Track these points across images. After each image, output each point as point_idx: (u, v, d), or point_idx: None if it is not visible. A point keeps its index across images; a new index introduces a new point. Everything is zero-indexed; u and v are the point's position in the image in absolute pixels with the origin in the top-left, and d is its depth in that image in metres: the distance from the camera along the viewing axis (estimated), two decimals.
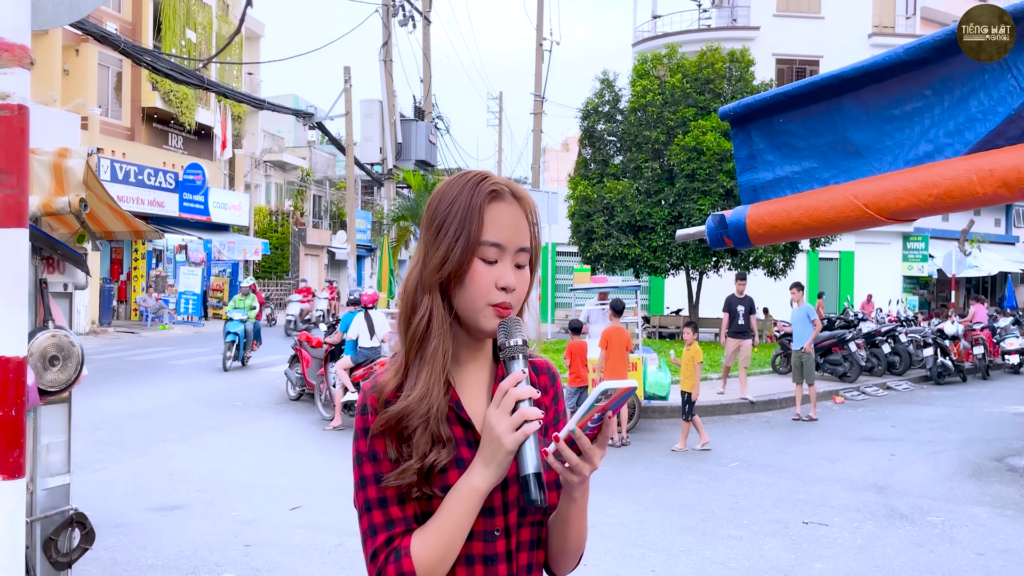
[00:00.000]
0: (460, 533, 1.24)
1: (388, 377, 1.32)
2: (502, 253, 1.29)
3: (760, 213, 1.65)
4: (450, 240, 1.28)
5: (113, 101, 24.99)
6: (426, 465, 1.25)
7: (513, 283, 1.29)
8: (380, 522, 1.26)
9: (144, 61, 14.19)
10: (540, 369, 1.43)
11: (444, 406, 1.28)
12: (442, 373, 1.29)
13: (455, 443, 1.29)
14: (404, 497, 1.26)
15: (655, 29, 32.62)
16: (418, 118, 20.63)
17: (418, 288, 1.31)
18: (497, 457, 1.20)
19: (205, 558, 5.32)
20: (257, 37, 34.67)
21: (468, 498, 1.22)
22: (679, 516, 6.60)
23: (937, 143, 1.47)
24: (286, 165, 37.63)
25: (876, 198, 1.47)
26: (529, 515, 1.32)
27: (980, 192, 1.35)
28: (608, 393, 1.18)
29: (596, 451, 1.23)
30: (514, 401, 1.20)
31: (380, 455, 1.27)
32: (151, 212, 23.92)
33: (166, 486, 7.10)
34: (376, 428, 1.28)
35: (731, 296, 12.38)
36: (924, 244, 30.85)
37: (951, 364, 15.71)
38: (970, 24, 1.41)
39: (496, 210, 1.30)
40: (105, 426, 9.68)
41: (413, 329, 1.30)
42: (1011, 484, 7.89)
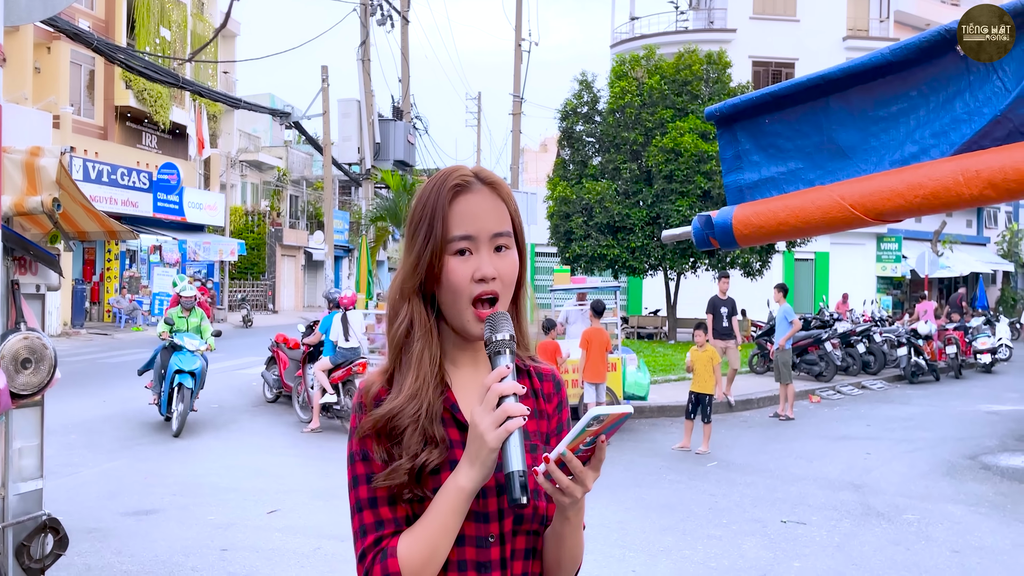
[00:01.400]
0: (447, 534, 1.21)
1: (375, 376, 1.32)
2: (475, 244, 1.27)
3: (746, 214, 1.64)
4: (420, 244, 1.28)
5: (86, 100, 24.65)
6: (416, 465, 1.23)
7: (491, 271, 1.27)
8: (370, 523, 1.25)
9: (117, 59, 14.00)
10: (544, 376, 1.41)
11: (439, 407, 1.27)
12: (431, 375, 1.28)
13: (449, 445, 1.27)
14: (395, 498, 1.24)
15: (633, 31, 32.77)
16: (396, 118, 20.54)
17: (398, 294, 1.32)
18: (481, 455, 1.18)
19: (181, 563, 5.25)
20: (233, 36, 34.35)
21: (454, 498, 1.20)
22: (659, 516, 6.62)
23: (923, 144, 1.47)
24: (262, 165, 37.33)
25: (862, 199, 1.47)
26: (525, 523, 1.29)
27: (966, 193, 1.35)
28: (600, 418, 1.15)
29: (589, 473, 1.20)
30: (497, 397, 1.17)
31: (371, 455, 1.26)
32: (124, 212, 23.61)
33: (141, 490, 7.00)
34: (364, 429, 1.27)
35: (714, 297, 12.32)
36: (898, 245, 31.24)
37: (925, 363, 15.91)
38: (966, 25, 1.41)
39: (462, 203, 1.28)
40: (78, 429, 9.52)
41: (393, 335, 1.31)
42: (985, 482, 7.99)
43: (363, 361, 9.92)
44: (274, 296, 34.84)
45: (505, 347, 1.23)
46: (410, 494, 1.24)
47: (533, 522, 1.30)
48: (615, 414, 1.15)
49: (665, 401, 11.69)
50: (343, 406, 9.84)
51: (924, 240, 29.97)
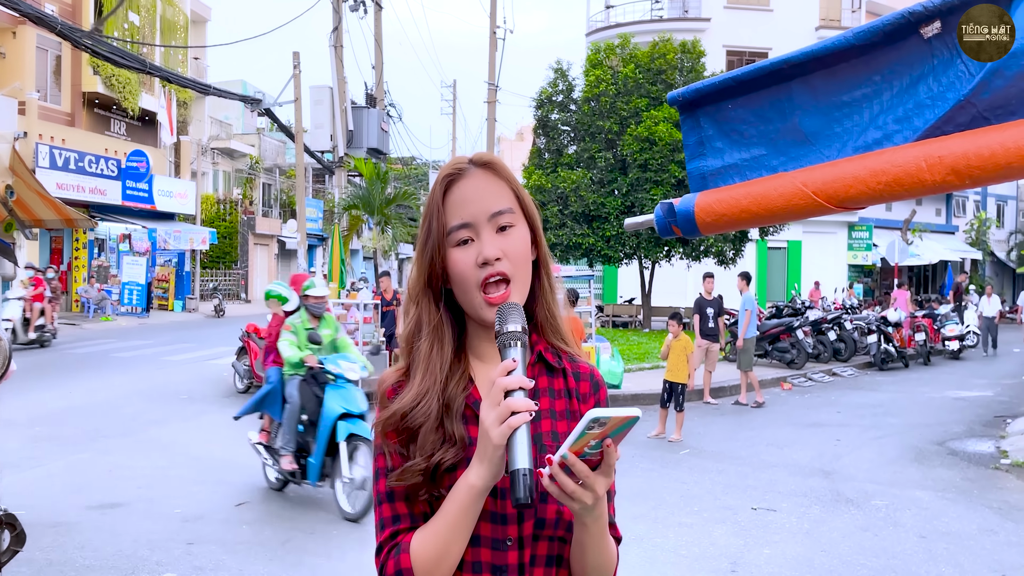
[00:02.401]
0: (458, 532, 1.17)
1: (391, 372, 1.31)
2: (474, 230, 1.24)
3: (708, 201, 1.61)
4: (421, 245, 1.28)
5: (52, 85, 24.14)
6: (431, 464, 1.20)
7: (493, 252, 1.22)
8: (387, 516, 1.23)
9: (83, 44, 13.68)
10: (582, 375, 1.34)
11: (461, 403, 1.24)
12: (441, 371, 1.25)
13: (468, 442, 1.22)
14: (413, 495, 1.22)
15: (608, 19, 32.71)
16: (370, 105, 20.35)
17: (410, 294, 1.31)
18: (487, 452, 1.13)
19: (145, 557, 5.16)
20: (204, 21, 33.80)
21: (464, 496, 1.16)
22: (631, 504, 6.61)
23: (886, 130, 1.44)
24: (234, 152, 36.85)
25: (825, 186, 1.44)
26: (548, 528, 1.23)
27: (929, 179, 1.32)
28: (600, 421, 1.07)
29: (597, 479, 1.12)
30: (501, 391, 1.12)
31: (389, 449, 1.25)
32: (92, 200, 23.20)
33: (106, 483, 6.88)
34: (380, 424, 1.26)
35: (700, 298, 12.19)
36: (868, 233, 31.58)
37: (894, 350, 16.10)
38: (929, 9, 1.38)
39: (455, 192, 1.26)
40: (43, 422, 9.35)
41: (404, 335, 1.31)
42: (952, 467, 8.10)
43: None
44: (247, 285, 34.49)
45: (515, 339, 1.17)
46: (426, 494, 1.21)
47: (557, 528, 1.23)
48: (619, 417, 1.08)
49: (639, 389, 11.72)
50: None
51: (894, 228, 30.32)
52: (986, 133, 1.28)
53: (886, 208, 33.65)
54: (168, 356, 15.61)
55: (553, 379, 1.31)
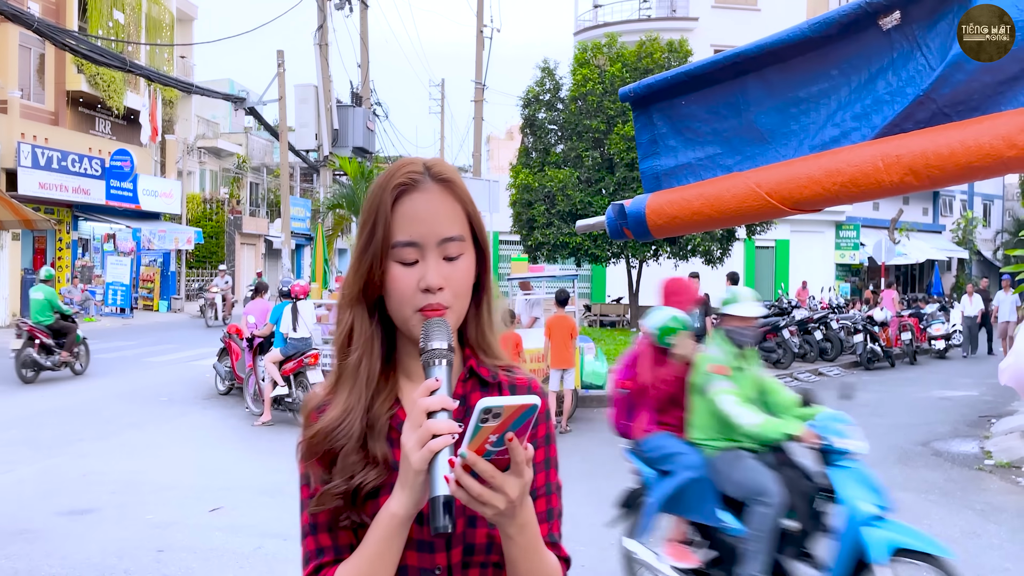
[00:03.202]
0: (383, 564, 1.09)
1: (317, 392, 1.23)
2: (421, 251, 1.15)
3: (660, 203, 1.52)
4: (361, 248, 1.18)
5: (36, 84, 23.89)
6: (352, 487, 1.13)
7: (436, 282, 1.14)
8: (311, 550, 1.17)
9: (60, 41, 13.50)
10: (519, 387, 1.25)
11: (384, 424, 1.17)
12: (367, 390, 1.18)
13: (393, 466, 1.13)
14: (336, 524, 1.15)
15: (596, 18, 32.68)
16: (355, 104, 20.21)
17: (343, 301, 1.22)
18: (408, 478, 1.05)
19: (113, 565, 5.05)
20: (190, 20, 33.57)
21: (387, 525, 1.08)
22: (613, 509, 6.53)
23: (844, 127, 1.36)
24: (221, 152, 36.62)
25: (779, 186, 1.36)
26: (478, 554, 1.16)
27: (886, 180, 1.24)
28: (494, 412, 0.98)
29: (508, 480, 1.02)
30: (423, 413, 1.03)
31: (312, 478, 1.17)
32: (76, 200, 22.98)
33: (78, 488, 6.75)
34: (303, 451, 1.18)
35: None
36: (856, 232, 31.65)
37: (880, 350, 16.09)
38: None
39: (408, 204, 1.16)
40: (19, 424, 9.21)
41: (336, 340, 1.23)
42: (936, 469, 8.06)
43: (315, 352, 9.72)
44: (234, 285, 34.27)
45: (440, 357, 1.08)
46: (347, 520, 1.14)
47: (489, 553, 1.16)
48: (514, 406, 0.98)
49: None
50: (295, 399, 9.64)
51: (882, 228, 30.39)
52: (946, 130, 1.20)
53: (873, 207, 33.75)
54: (151, 357, 15.45)
55: (487, 395, 1.22)
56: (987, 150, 1.14)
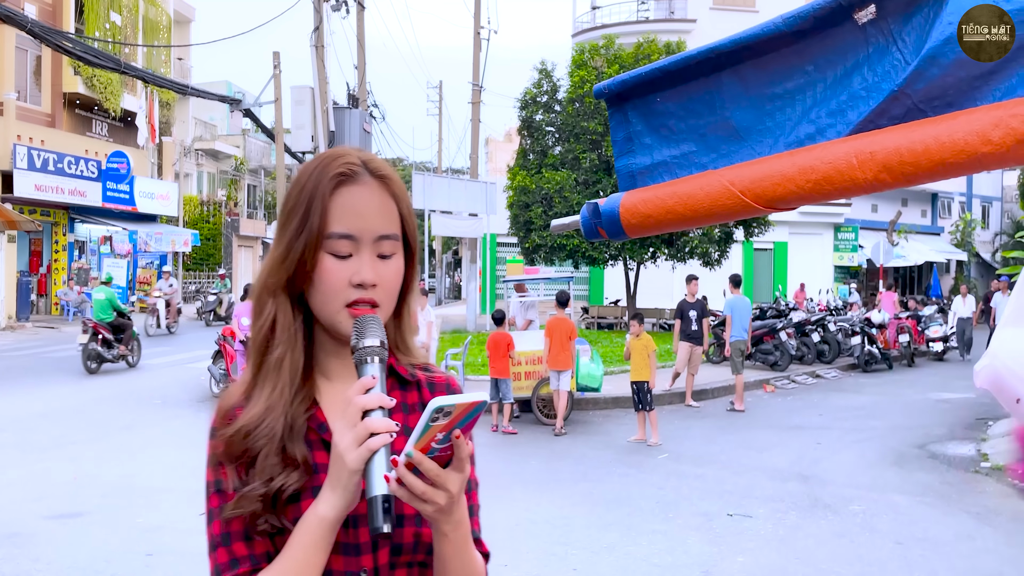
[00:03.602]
0: (309, 570, 1.05)
1: (233, 390, 1.16)
2: (356, 245, 1.11)
3: (634, 202, 1.49)
4: (292, 234, 1.12)
5: (32, 86, 23.85)
6: (272, 490, 1.07)
7: (370, 278, 1.11)
8: (224, 562, 1.09)
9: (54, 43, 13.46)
10: (437, 385, 1.23)
11: (302, 425, 1.11)
12: (290, 384, 1.12)
13: (314, 469, 1.10)
14: (251, 532, 1.08)
15: (594, 20, 32.67)
16: (352, 106, 20.16)
17: (264, 288, 1.15)
18: (342, 478, 1.01)
19: (101, 570, 5.01)
20: (188, 21, 33.53)
21: (315, 529, 1.04)
22: (605, 511, 6.51)
23: (819, 124, 1.33)
24: (219, 154, 36.60)
25: (753, 184, 1.32)
26: (405, 554, 1.13)
27: (860, 177, 1.21)
28: (445, 410, 0.98)
29: (450, 476, 1.03)
30: (359, 412, 1.01)
31: (225, 485, 1.10)
32: (72, 202, 22.95)
33: (69, 492, 6.71)
34: (219, 453, 1.11)
35: (683, 301, 12.02)
36: (854, 234, 31.63)
37: (878, 352, 16.06)
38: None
39: (346, 195, 1.12)
40: (11, 427, 9.17)
41: (256, 335, 1.15)
42: (932, 471, 8.03)
43: None
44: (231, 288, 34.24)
45: (373, 354, 1.06)
46: (266, 524, 1.08)
47: (416, 552, 1.13)
48: (464, 404, 0.99)
49: (621, 392, 11.60)
50: None
51: (880, 230, 30.35)
52: (920, 127, 1.17)
53: (872, 209, 33.74)
54: (145, 360, 15.39)
55: (407, 393, 1.20)
56: (961, 146, 1.11)
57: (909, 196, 35.51)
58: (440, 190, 21.49)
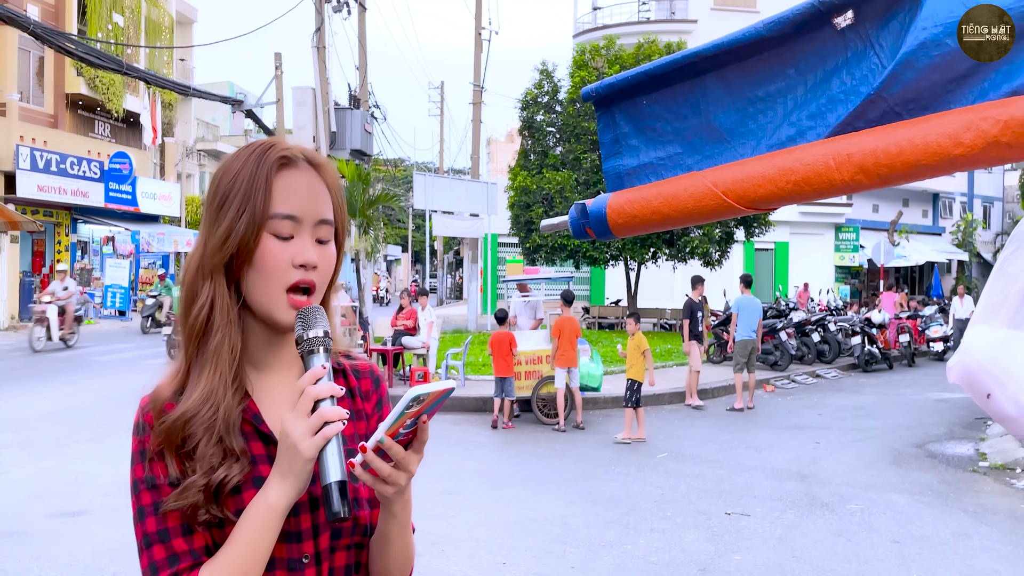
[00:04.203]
0: (257, 559, 1.06)
1: (166, 383, 1.15)
2: (298, 227, 1.13)
3: (620, 202, 1.53)
4: (233, 215, 1.12)
5: (35, 86, 23.91)
6: (214, 482, 1.07)
7: (314, 259, 1.13)
8: (162, 558, 1.08)
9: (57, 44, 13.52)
10: (362, 373, 1.28)
11: (237, 417, 1.11)
12: (229, 371, 1.12)
13: (252, 460, 1.12)
14: (190, 526, 1.08)
15: (596, 21, 32.71)
16: (353, 107, 20.24)
17: (198, 273, 1.14)
18: (295, 467, 1.04)
19: (103, 567, 5.05)
20: (190, 22, 33.60)
21: (264, 518, 1.05)
22: (604, 510, 6.54)
23: (800, 126, 1.36)
24: (221, 154, 36.64)
25: (735, 185, 1.36)
26: (345, 537, 1.16)
27: (838, 178, 1.24)
28: (420, 398, 1.04)
29: (412, 457, 1.08)
30: (312, 401, 1.04)
31: (160, 480, 1.09)
32: (75, 202, 23.00)
33: (71, 491, 6.75)
34: (154, 446, 1.09)
35: (691, 301, 12.06)
36: (855, 235, 31.63)
37: (878, 352, 16.08)
38: None
39: (288, 178, 1.14)
40: (13, 427, 9.21)
41: (192, 321, 1.13)
42: (930, 470, 8.05)
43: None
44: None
45: (319, 345, 1.09)
46: (207, 515, 1.07)
47: (354, 535, 1.17)
48: (436, 392, 1.05)
49: (621, 392, 11.62)
50: None
51: (881, 230, 30.36)
52: (895, 129, 1.20)
53: (873, 209, 33.74)
54: (148, 360, 15.44)
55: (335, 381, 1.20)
56: (934, 148, 1.14)
57: (910, 196, 35.52)
58: (441, 190, 21.53)
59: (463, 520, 6.16)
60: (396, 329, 12.47)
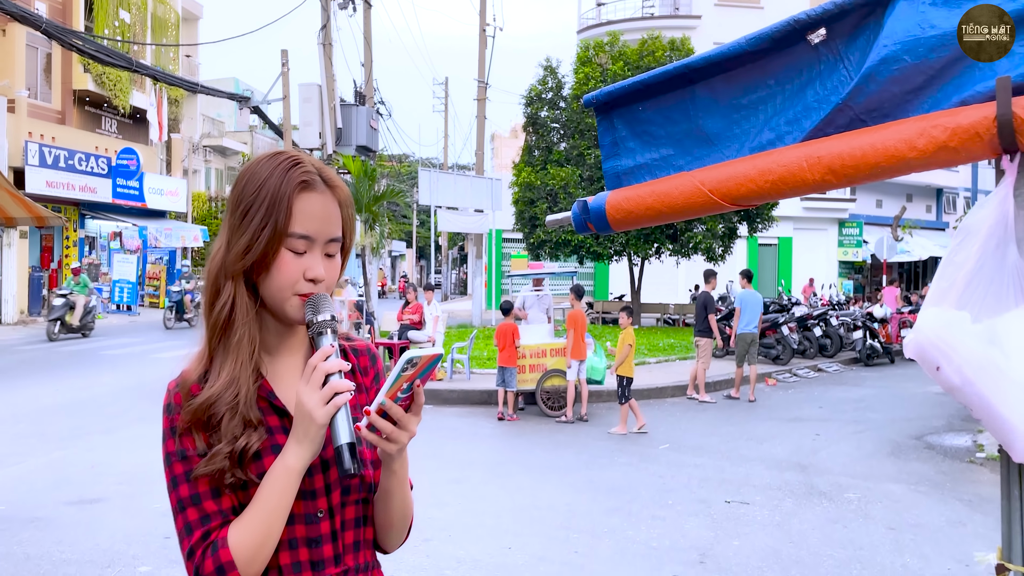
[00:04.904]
0: (278, 516, 1.23)
1: (191, 369, 1.31)
2: (311, 244, 1.29)
3: (618, 199, 1.68)
4: (255, 228, 1.27)
5: (43, 83, 24.12)
6: (237, 449, 1.24)
7: (322, 275, 1.29)
8: (195, 519, 1.24)
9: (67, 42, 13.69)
10: (360, 351, 1.45)
11: (254, 394, 1.28)
12: (249, 361, 1.29)
13: (269, 430, 1.29)
14: (219, 490, 1.25)
15: (600, 16, 32.78)
16: (359, 103, 20.37)
17: (221, 274, 1.30)
18: (310, 432, 1.21)
19: (122, 551, 5.22)
20: (195, 19, 33.77)
21: (283, 479, 1.22)
22: (607, 498, 6.70)
23: (778, 131, 1.52)
24: (226, 150, 36.85)
25: (719, 184, 1.51)
26: (353, 493, 1.33)
27: (810, 178, 1.39)
28: (413, 362, 1.20)
29: (411, 418, 1.25)
30: (323, 375, 1.21)
31: (190, 452, 1.26)
32: (83, 198, 23.22)
33: (87, 479, 6.93)
34: (183, 423, 1.26)
35: (708, 295, 12.17)
36: (859, 230, 31.70)
37: (880, 346, 16.21)
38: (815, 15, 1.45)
39: (306, 200, 1.29)
40: (27, 419, 9.40)
41: (215, 317, 1.30)
42: (927, 461, 8.19)
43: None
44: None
45: (327, 327, 1.26)
46: (233, 478, 1.24)
47: (361, 491, 1.34)
48: (427, 356, 1.21)
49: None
50: None
51: (885, 225, 30.42)
52: (860, 135, 1.36)
53: (876, 204, 33.80)
54: (157, 353, 15.65)
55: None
56: (892, 152, 1.29)
57: (914, 191, 35.57)
58: (446, 186, 21.69)
59: (470, 507, 6.33)
60: (402, 323, 12.65)
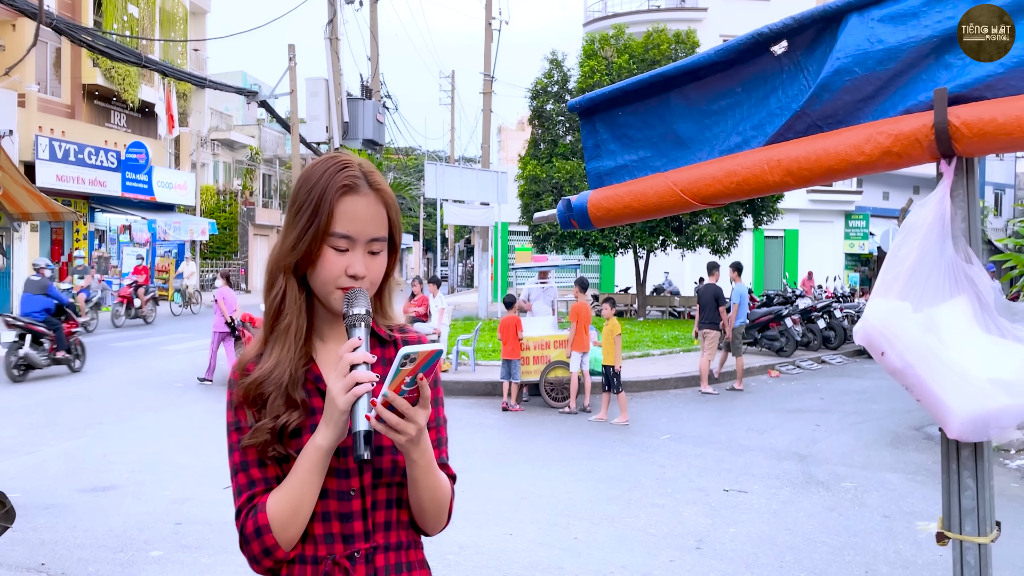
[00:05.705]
0: (309, 488, 1.36)
1: (250, 350, 1.46)
2: (352, 243, 1.41)
3: (599, 198, 1.80)
4: (301, 227, 1.40)
5: (52, 78, 24.30)
6: (278, 425, 1.37)
7: (362, 271, 1.41)
8: (244, 483, 1.40)
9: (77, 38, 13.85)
10: (410, 343, 1.53)
11: (302, 376, 1.41)
12: (296, 346, 1.42)
13: (311, 411, 1.42)
14: (263, 461, 1.39)
15: (606, 9, 32.79)
16: (365, 97, 20.50)
17: (276, 267, 1.44)
18: (333, 416, 1.33)
19: (134, 536, 5.39)
20: (203, 13, 33.88)
21: (313, 456, 1.35)
22: (607, 486, 6.84)
23: (745, 135, 1.63)
24: (234, 144, 37.04)
25: (690, 184, 1.63)
26: (385, 476, 1.44)
27: (771, 180, 1.51)
28: (411, 357, 1.28)
29: (418, 411, 1.33)
30: (348, 365, 1.32)
31: (243, 423, 1.41)
32: (92, 192, 23.41)
33: (100, 467, 7.11)
34: (237, 398, 1.42)
35: (716, 287, 12.29)
36: (865, 222, 31.70)
37: None
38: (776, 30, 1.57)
39: (348, 203, 1.40)
40: (40, 409, 9.60)
41: (269, 305, 1.44)
42: (926, 451, 8.29)
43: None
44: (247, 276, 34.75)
45: (360, 320, 1.37)
46: (274, 452, 1.38)
47: (394, 475, 1.45)
48: (426, 351, 1.27)
49: (627, 377, 11.89)
50: None
51: (891, 217, 30.43)
52: (816, 140, 1.47)
53: (883, 197, 33.77)
54: (166, 346, 15.85)
55: (385, 350, 1.50)
56: (843, 156, 1.41)
57: (921, 184, 35.49)
58: (452, 179, 21.80)
59: (473, 495, 6.47)
60: (408, 315, 12.80)
